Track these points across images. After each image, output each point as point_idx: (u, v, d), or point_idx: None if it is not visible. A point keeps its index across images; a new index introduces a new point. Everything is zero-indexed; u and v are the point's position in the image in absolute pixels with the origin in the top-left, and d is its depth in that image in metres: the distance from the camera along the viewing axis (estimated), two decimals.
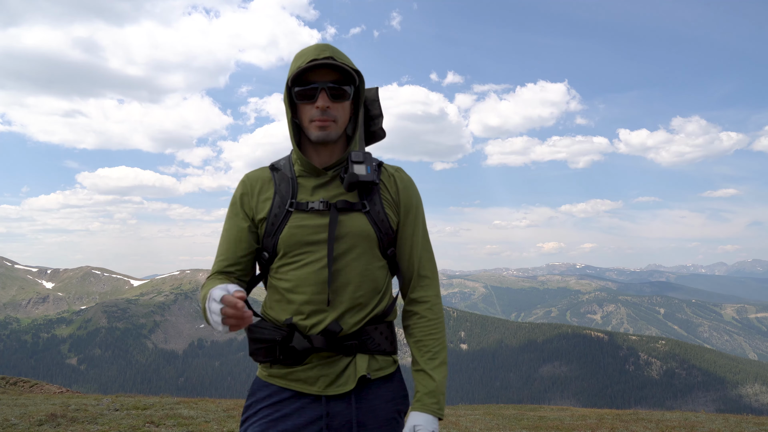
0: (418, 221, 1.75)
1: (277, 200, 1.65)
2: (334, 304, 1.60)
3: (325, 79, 1.60)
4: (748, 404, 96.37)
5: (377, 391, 1.66)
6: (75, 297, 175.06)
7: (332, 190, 1.66)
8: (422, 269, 1.75)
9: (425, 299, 1.73)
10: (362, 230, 1.64)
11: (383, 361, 1.68)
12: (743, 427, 7.62)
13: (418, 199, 1.78)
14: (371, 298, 1.65)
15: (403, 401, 1.72)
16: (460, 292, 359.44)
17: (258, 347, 1.63)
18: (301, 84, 1.61)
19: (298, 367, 1.61)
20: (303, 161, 1.66)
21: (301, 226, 1.62)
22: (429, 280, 1.75)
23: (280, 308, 1.64)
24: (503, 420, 9.07)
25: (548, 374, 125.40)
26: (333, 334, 1.59)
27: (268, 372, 1.66)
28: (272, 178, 1.70)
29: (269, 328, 1.62)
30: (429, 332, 1.71)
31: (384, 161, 1.77)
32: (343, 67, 1.59)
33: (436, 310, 1.73)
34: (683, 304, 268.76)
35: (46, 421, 6.12)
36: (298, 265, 1.61)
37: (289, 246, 1.62)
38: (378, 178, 1.68)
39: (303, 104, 1.63)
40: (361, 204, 1.65)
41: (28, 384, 15.82)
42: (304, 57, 1.61)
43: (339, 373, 1.61)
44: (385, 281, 1.71)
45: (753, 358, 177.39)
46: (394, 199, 1.72)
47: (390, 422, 1.66)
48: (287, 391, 1.62)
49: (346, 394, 1.61)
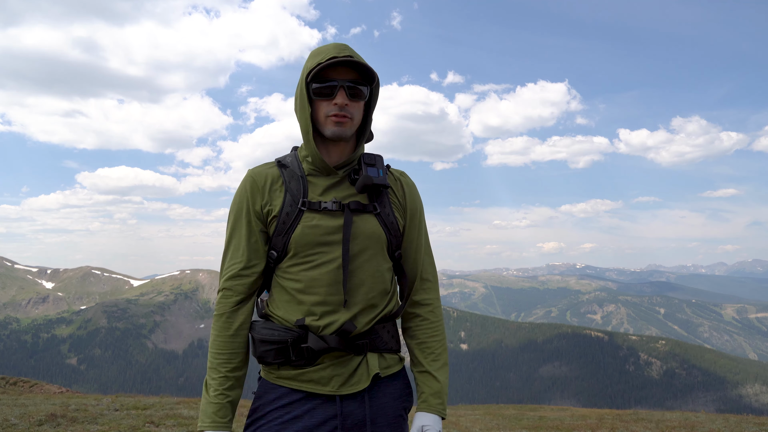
0: (422, 225, 1.79)
1: (289, 198, 1.62)
2: (348, 304, 1.60)
3: (344, 78, 1.60)
4: (748, 404, 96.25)
5: (386, 389, 1.67)
6: (75, 297, 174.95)
7: (342, 190, 1.66)
8: (425, 272, 1.78)
9: (428, 302, 1.77)
10: (374, 232, 1.64)
11: (391, 359, 1.70)
12: (743, 427, 7.62)
13: (421, 203, 1.82)
14: (381, 299, 1.66)
15: (408, 398, 1.74)
16: (460, 292, 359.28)
17: (267, 349, 1.60)
18: (319, 81, 1.60)
19: (310, 368, 1.60)
20: (317, 159, 1.64)
21: (315, 226, 1.60)
22: (431, 283, 1.79)
23: (289, 308, 1.61)
24: (503, 420, 9.07)
25: (548, 374, 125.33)
26: (347, 334, 1.59)
27: (276, 374, 1.63)
28: (281, 174, 1.67)
29: (279, 329, 1.60)
30: (432, 334, 1.74)
31: (390, 165, 1.79)
32: (361, 66, 1.59)
33: (437, 313, 1.77)
34: (683, 304, 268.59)
35: (46, 421, 6.11)
36: (311, 266, 1.60)
37: (302, 246, 1.60)
38: (387, 182, 1.69)
39: (320, 101, 1.61)
40: (373, 206, 1.66)
41: (28, 384, 15.80)
42: (323, 54, 1.60)
43: (352, 372, 1.61)
44: (392, 282, 1.72)
45: (753, 358, 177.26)
46: (401, 202, 1.74)
47: (397, 419, 1.68)
48: (298, 392, 1.60)
49: (358, 393, 1.62)
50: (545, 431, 7.76)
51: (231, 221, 1.67)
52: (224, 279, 1.65)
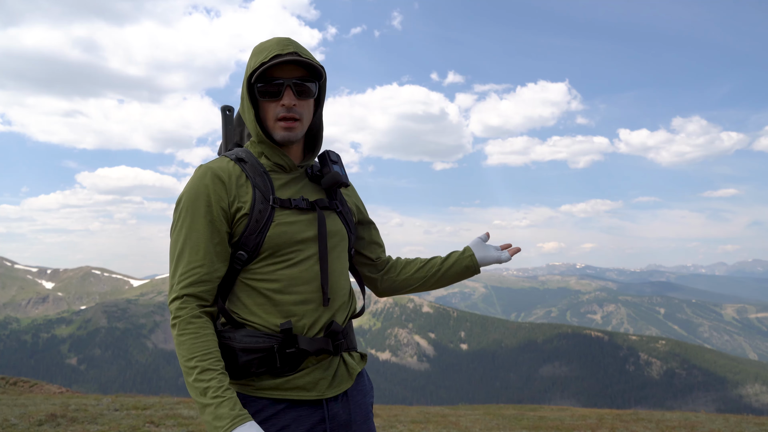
0: (366, 210, 1.88)
1: (258, 195, 1.52)
2: (330, 302, 1.56)
3: (290, 76, 1.52)
4: (748, 404, 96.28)
5: (357, 386, 1.67)
6: (75, 297, 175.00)
7: (303, 187, 1.63)
8: (382, 244, 1.91)
9: (391, 257, 1.92)
10: (340, 230, 1.65)
11: (356, 357, 1.70)
12: (743, 427, 7.62)
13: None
14: (351, 297, 1.67)
15: (372, 393, 1.76)
16: (460, 292, 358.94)
17: (250, 359, 1.46)
18: (264, 80, 1.51)
19: (294, 374, 1.50)
20: (280, 156, 1.59)
21: (290, 223, 1.53)
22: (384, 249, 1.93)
23: (264, 312, 1.50)
24: (503, 420, 9.07)
25: (548, 374, 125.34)
26: (335, 334, 1.55)
27: (255, 386, 1.50)
28: (242, 170, 1.55)
29: (261, 335, 1.47)
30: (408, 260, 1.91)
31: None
32: (308, 63, 1.52)
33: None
34: (683, 304, 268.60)
35: (46, 421, 6.11)
36: (288, 264, 1.52)
37: (278, 245, 1.51)
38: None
39: (266, 102, 1.54)
40: (335, 204, 1.66)
41: (28, 384, 15.81)
42: (266, 52, 1.51)
43: (334, 374, 1.58)
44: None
45: (753, 358, 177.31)
46: (352, 199, 1.80)
47: (369, 415, 1.69)
48: (281, 402, 1.50)
49: (339, 394, 1.60)
50: (545, 431, 7.76)
51: (185, 220, 1.49)
52: (183, 285, 1.46)
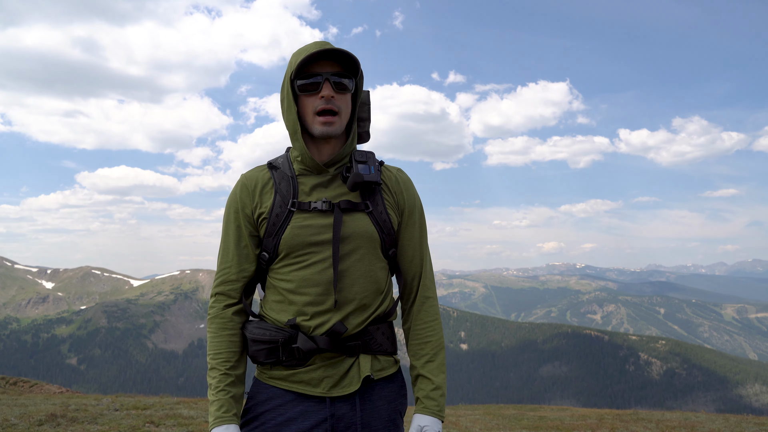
0: (420, 223, 1.76)
1: (278, 199, 1.62)
2: (339, 305, 1.59)
3: (328, 71, 1.61)
4: (748, 404, 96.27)
5: (380, 391, 1.65)
6: (75, 297, 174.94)
7: (334, 189, 1.64)
8: (423, 271, 1.76)
9: (425, 300, 1.75)
10: (365, 231, 1.63)
11: (385, 362, 1.68)
12: (743, 427, 7.62)
13: (419, 200, 1.78)
14: (374, 299, 1.65)
15: (402, 401, 1.72)
16: (460, 292, 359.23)
17: (259, 348, 1.62)
18: (303, 77, 1.61)
19: (301, 369, 1.59)
20: (307, 158, 1.63)
21: (304, 227, 1.59)
22: (429, 281, 1.76)
23: (281, 309, 1.62)
24: (503, 420, 9.07)
25: (548, 374, 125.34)
26: (338, 335, 1.58)
27: (268, 374, 1.64)
28: (271, 176, 1.67)
29: (271, 329, 1.60)
30: (428, 334, 1.72)
31: (384, 161, 1.77)
32: (344, 58, 1.60)
33: (433, 312, 1.74)
34: (683, 304, 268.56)
35: (46, 421, 6.11)
36: (301, 266, 1.60)
37: (292, 247, 1.59)
38: (380, 179, 1.66)
39: (306, 96, 1.62)
40: (364, 204, 1.64)
41: (28, 384, 15.83)
42: (305, 51, 1.62)
43: (343, 374, 1.60)
44: (386, 282, 1.71)
45: (753, 358, 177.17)
46: (396, 200, 1.71)
47: (392, 423, 1.66)
48: (290, 393, 1.60)
49: (350, 395, 1.60)
50: (545, 431, 7.76)
51: (223, 226, 1.70)
52: (216, 284, 1.68)
